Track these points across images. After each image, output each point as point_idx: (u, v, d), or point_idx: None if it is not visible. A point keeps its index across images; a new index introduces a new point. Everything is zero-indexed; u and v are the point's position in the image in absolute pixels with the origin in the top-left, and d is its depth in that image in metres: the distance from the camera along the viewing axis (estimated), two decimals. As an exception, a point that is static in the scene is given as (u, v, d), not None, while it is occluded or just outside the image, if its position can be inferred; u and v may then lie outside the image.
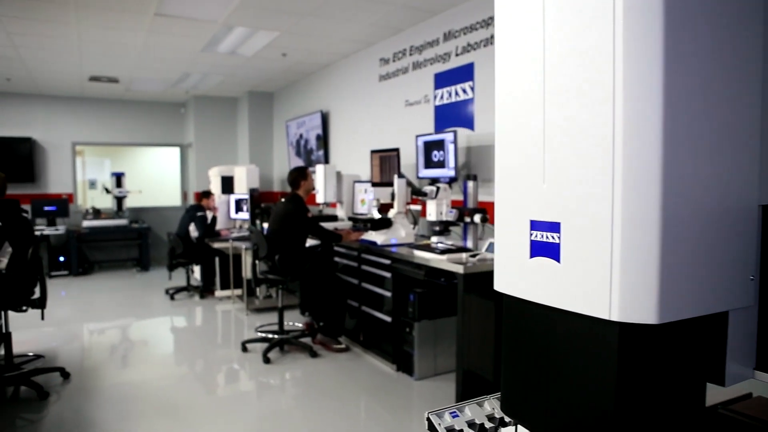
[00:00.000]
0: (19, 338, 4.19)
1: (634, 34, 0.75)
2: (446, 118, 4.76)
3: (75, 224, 8.77)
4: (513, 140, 0.94)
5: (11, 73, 7.22)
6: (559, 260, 0.86)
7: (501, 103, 0.99)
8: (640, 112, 0.76)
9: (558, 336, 0.90)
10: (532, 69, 0.91)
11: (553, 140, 0.86)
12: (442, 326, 4.13)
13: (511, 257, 0.96)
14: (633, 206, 0.77)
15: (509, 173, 0.95)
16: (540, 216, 0.88)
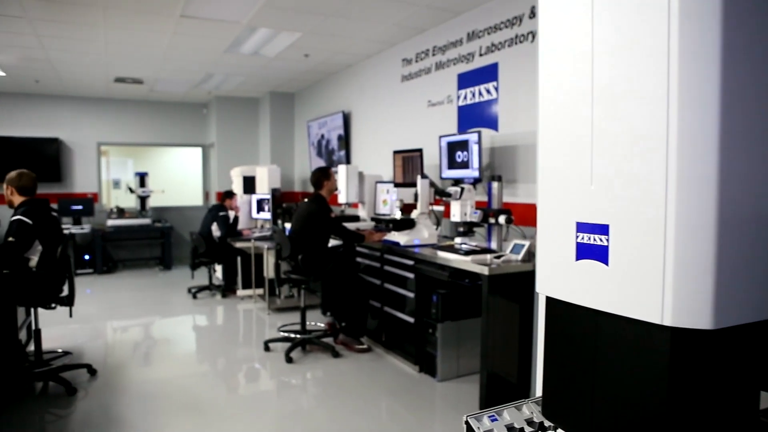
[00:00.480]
0: (47, 335, 4.25)
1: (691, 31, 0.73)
2: (469, 119, 4.73)
3: (100, 223, 8.89)
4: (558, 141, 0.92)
5: (40, 75, 7.35)
6: (607, 263, 0.85)
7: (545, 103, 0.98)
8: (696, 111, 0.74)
9: (605, 340, 0.89)
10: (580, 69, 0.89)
11: (602, 140, 0.84)
12: (465, 328, 4.11)
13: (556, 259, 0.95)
14: (688, 207, 0.75)
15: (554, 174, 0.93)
16: (587, 218, 0.86)
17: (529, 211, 3.96)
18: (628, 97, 0.82)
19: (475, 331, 4.12)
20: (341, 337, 4.75)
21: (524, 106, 4.08)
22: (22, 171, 3.90)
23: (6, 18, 4.87)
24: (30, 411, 3.67)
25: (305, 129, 8.20)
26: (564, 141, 0.94)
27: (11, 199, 3.84)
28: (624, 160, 0.83)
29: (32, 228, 3.63)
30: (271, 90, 8.64)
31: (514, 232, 3.89)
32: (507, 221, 3.64)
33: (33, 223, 3.64)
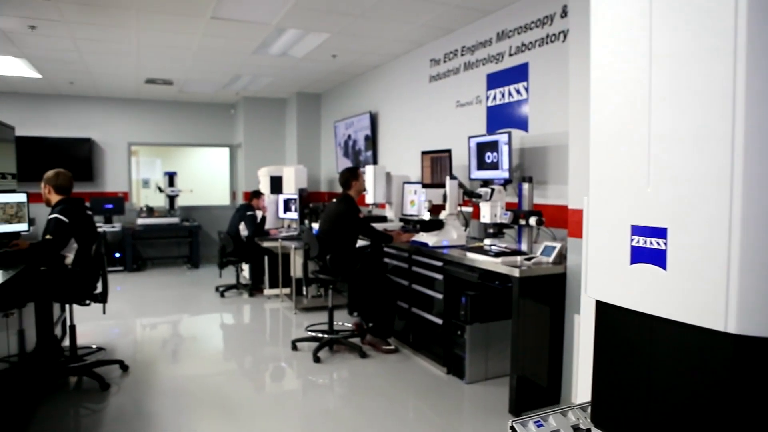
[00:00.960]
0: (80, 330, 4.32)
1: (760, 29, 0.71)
2: (499, 119, 4.69)
3: (130, 222, 9.05)
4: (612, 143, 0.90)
5: (74, 76, 7.51)
6: (665, 267, 0.82)
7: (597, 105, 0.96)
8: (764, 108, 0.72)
9: (661, 347, 0.86)
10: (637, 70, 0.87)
11: (661, 141, 0.82)
12: (494, 330, 4.07)
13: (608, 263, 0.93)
14: (755, 210, 0.73)
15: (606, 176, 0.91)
16: (643, 221, 0.84)
17: (560, 213, 3.91)
18: (691, 97, 0.80)
19: (503, 334, 4.08)
20: (368, 338, 4.75)
21: (555, 107, 4.03)
22: (59, 170, 3.98)
23: (45, 21, 4.99)
24: (65, 404, 3.75)
25: (332, 129, 8.23)
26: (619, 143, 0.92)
27: (48, 198, 3.92)
28: (685, 160, 0.81)
29: (69, 226, 3.71)
30: (298, 90, 8.70)
31: (545, 234, 3.84)
32: (538, 223, 3.59)
33: (69, 221, 3.71)
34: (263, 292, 6.94)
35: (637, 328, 0.91)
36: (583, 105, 3.36)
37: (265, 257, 6.79)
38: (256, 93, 8.91)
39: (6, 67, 6.88)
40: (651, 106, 0.86)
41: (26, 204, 4.40)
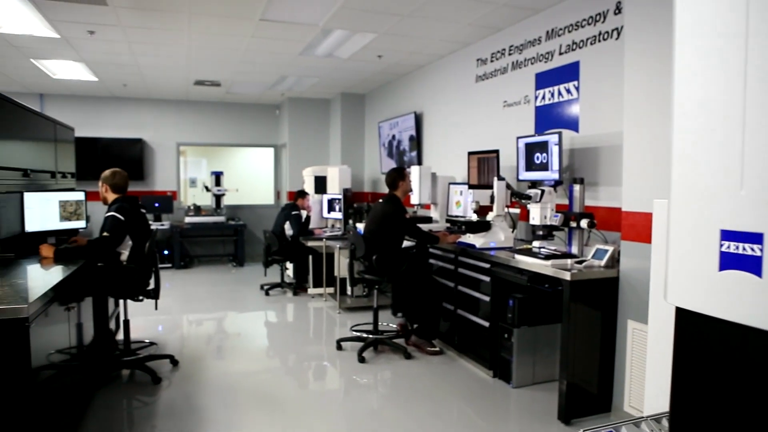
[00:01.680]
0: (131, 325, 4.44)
1: None
2: (548, 120, 4.60)
3: (178, 220, 9.28)
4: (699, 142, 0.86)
5: (128, 79, 7.75)
6: (760, 274, 0.78)
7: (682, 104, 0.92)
8: None
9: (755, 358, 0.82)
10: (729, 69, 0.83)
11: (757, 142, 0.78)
12: (542, 334, 4.00)
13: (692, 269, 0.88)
14: None
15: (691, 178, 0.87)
16: (735, 225, 0.80)
17: (612, 215, 3.81)
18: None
19: (552, 338, 4.01)
20: (413, 339, 4.74)
21: (608, 107, 3.93)
22: (116, 170, 4.10)
23: (103, 27, 5.16)
24: (119, 396, 3.87)
25: (376, 130, 8.25)
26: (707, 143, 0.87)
27: (105, 196, 4.05)
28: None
29: (124, 224, 3.82)
30: (342, 91, 8.75)
31: (596, 237, 3.75)
32: (589, 225, 3.51)
33: (125, 219, 3.83)
34: (307, 291, 7.01)
35: (725, 337, 0.86)
36: (641, 104, 3.26)
37: (309, 256, 6.85)
38: (301, 94, 9.01)
39: (66, 71, 7.16)
40: (746, 105, 0.81)
41: (84, 202, 4.56)
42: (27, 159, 3.72)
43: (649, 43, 3.21)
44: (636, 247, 3.25)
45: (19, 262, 3.52)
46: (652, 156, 3.19)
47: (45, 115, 4.20)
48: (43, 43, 5.78)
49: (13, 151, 3.44)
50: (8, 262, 3.49)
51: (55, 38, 5.55)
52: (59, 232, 4.28)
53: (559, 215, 3.65)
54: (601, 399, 3.46)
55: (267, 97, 9.34)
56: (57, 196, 4.30)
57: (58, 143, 4.49)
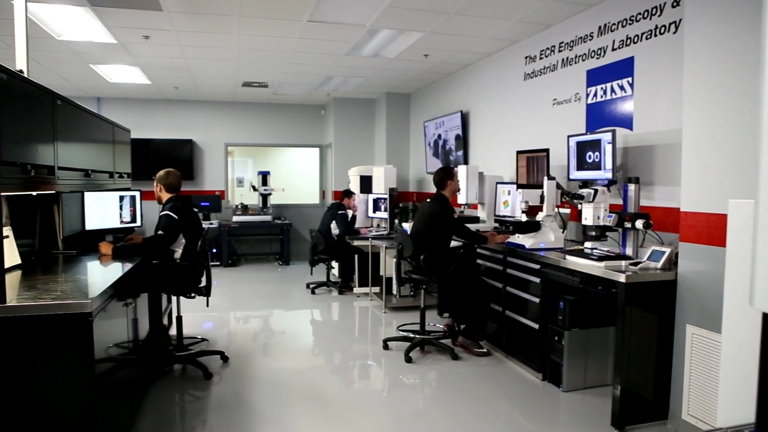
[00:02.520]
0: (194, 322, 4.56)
1: None
2: (599, 117, 4.48)
3: (225, 219, 9.48)
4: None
5: (179, 82, 7.97)
6: None
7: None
8: None
9: None
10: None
11: None
12: (593, 337, 3.90)
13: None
14: None
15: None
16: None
17: (668, 216, 3.68)
18: None
19: (604, 341, 3.91)
20: (460, 340, 4.69)
21: (665, 104, 3.79)
22: (170, 170, 4.22)
23: (157, 31, 5.32)
24: (172, 390, 3.98)
25: (421, 129, 8.22)
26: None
27: (160, 196, 4.17)
28: None
29: (178, 222, 3.92)
30: (387, 91, 8.76)
31: (651, 238, 3.63)
32: (645, 226, 3.40)
33: (179, 218, 3.93)
34: (353, 290, 7.04)
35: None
36: (703, 99, 3.13)
37: (355, 256, 6.88)
38: (347, 94, 9.07)
39: (122, 75, 7.41)
40: None
41: (140, 201, 4.71)
42: (88, 160, 3.86)
43: (711, 35, 3.08)
44: (697, 250, 3.12)
45: (80, 258, 3.66)
46: (716, 154, 3.06)
47: (105, 118, 4.35)
48: (102, 49, 6.00)
49: (77, 152, 3.58)
50: (70, 258, 3.64)
51: (112, 44, 5.76)
52: (116, 230, 4.43)
53: (613, 215, 3.55)
54: (656, 406, 3.34)
55: (313, 97, 9.44)
56: (115, 196, 4.45)
57: (116, 144, 4.65)
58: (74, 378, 2.33)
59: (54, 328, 2.28)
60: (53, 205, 3.79)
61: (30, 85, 2.69)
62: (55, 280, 2.93)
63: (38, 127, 2.86)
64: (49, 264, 3.41)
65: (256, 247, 10.08)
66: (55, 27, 5.22)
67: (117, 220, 4.48)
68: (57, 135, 3.09)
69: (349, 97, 9.34)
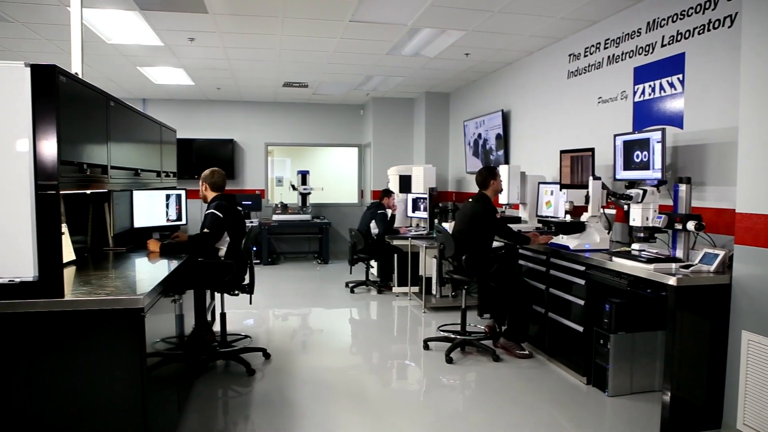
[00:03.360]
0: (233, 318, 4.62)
1: None
2: (647, 116, 4.36)
3: (265, 218, 9.61)
4: None
5: (221, 83, 8.12)
6: None
7: None
8: None
9: None
10: None
11: None
12: (640, 341, 3.79)
13: None
14: None
15: None
16: None
17: (721, 217, 3.56)
18: None
19: (651, 346, 3.81)
20: (502, 341, 4.64)
21: (718, 101, 3.67)
22: (215, 169, 4.30)
23: (202, 34, 5.44)
24: (216, 385, 4.05)
25: (461, 128, 8.16)
26: None
27: (205, 195, 4.24)
28: None
29: (223, 221, 3.99)
30: (427, 90, 8.73)
31: (702, 240, 3.51)
32: (697, 228, 3.29)
33: (224, 216, 4.00)
34: (392, 290, 7.05)
35: None
36: (762, 96, 3.01)
37: (394, 255, 6.88)
38: (386, 93, 9.08)
39: (166, 77, 7.60)
40: None
41: (185, 200, 4.82)
42: (138, 159, 3.97)
43: (770, 31, 2.96)
44: (754, 253, 3.00)
45: (129, 255, 3.76)
46: (774, 153, 2.94)
47: (153, 118, 4.47)
48: (149, 51, 6.17)
49: (127, 151, 3.68)
50: (120, 255, 3.75)
51: (159, 46, 5.91)
52: (162, 227, 4.54)
53: (663, 217, 3.45)
54: (708, 414, 3.23)
55: (352, 97, 9.48)
56: (161, 194, 4.57)
57: (163, 144, 4.77)
58: (126, 372, 2.39)
59: (108, 323, 2.35)
60: (104, 203, 3.91)
61: (87, 87, 2.78)
62: (108, 276, 3.02)
63: (93, 128, 2.95)
64: (101, 260, 3.52)
65: (295, 245, 10.19)
66: (106, 31, 5.39)
67: (163, 218, 4.58)
68: (110, 135, 3.18)
69: (388, 96, 9.35)
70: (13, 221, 2.22)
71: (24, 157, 2.21)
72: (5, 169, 2.21)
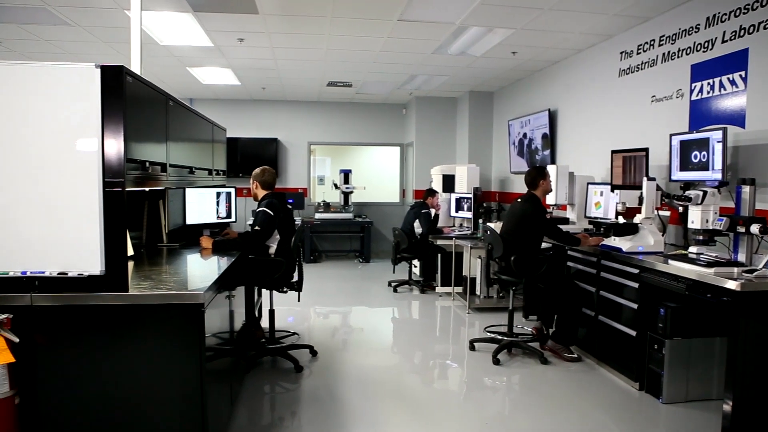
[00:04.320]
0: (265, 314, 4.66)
1: None
2: (705, 115, 4.22)
3: (308, 216, 9.71)
4: None
5: (267, 82, 8.24)
6: None
7: None
8: None
9: None
10: None
11: None
12: (697, 347, 3.68)
13: None
14: None
15: None
16: None
17: (786, 220, 3.41)
18: None
19: (709, 352, 3.69)
20: (550, 344, 4.56)
21: (784, 99, 3.52)
22: (265, 167, 4.35)
23: (251, 34, 5.53)
24: (264, 381, 4.10)
25: (505, 128, 8.07)
26: None
27: (256, 193, 4.31)
28: None
29: (274, 218, 4.05)
30: (470, 89, 8.67)
31: (766, 245, 3.38)
32: (762, 231, 3.16)
33: (274, 214, 4.05)
34: (434, 290, 7.02)
35: None
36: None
37: (437, 255, 6.85)
38: (429, 93, 9.04)
39: (214, 77, 7.75)
40: None
41: (235, 197, 4.90)
42: (192, 157, 4.06)
43: None
44: (823, 257, 2.87)
45: (182, 251, 3.85)
46: None
47: (206, 118, 4.56)
48: (199, 52, 6.30)
49: (183, 150, 3.77)
50: (174, 251, 3.84)
51: (209, 47, 6.03)
52: (212, 225, 4.63)
53: (724, 219, 3.33)
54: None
55: (395, 96, 9.48)
56: (212, 192, 4.66)
57: (215, 143, 4.87)
58: (187, 365, 2.45)
59: (169, 317, 2.41)
60: (159, 200, 4.02)
61: (149, 87, 2.86)
62: (166, 271, 3.10)
63: (154, 127, 3.03)
64: (156, 256, 3.61)
65: (337, 244, 10.25)
66: (159, 33, 5.53)
67: (214, 215, 4.68)
68: (169, 134, 3.26)
69: (431, 96, 9.31)
70: (82, 217, 2.30)
71: (93, 155, 2.28)
72: (75, 166, 2.29)
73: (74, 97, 2.27)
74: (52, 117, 2.27)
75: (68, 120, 2.27)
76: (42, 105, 2.27)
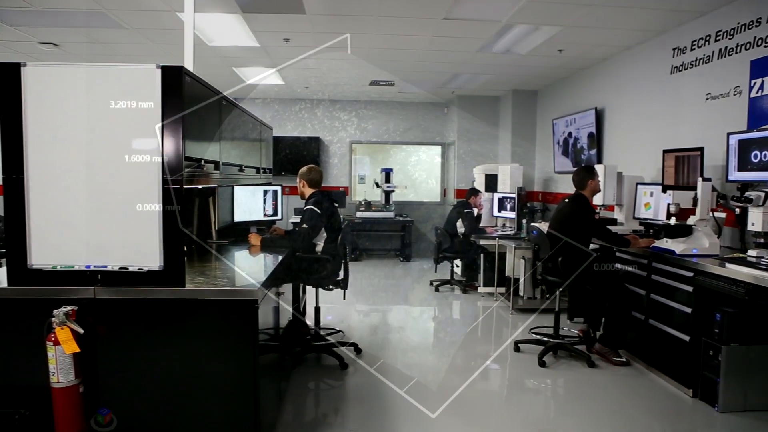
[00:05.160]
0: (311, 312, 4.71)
1: None
2: (766, 113, 4.06)
3: (349, 215, 9.76)
4: None
5: (310, 82, 8.32)
6: None
7: None
8: None
9: None
10: None
11: None
12: (757, 354, 3.54)
13: None
14: None
15: None
16: None
17: None
18: None
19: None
20: (597, 347, 4.47)
21: None
22: (312, 166, 4.40)
23: (297, 34, 5.59)
24: (307, 378, 4.14)
25: (549, 127, 7.94)
26: None
27: (303, 191, 4.36)
28: None
29: (321, 217, 4.09)
30: (514, 88, 8.56)
31: (831, 248, 3.24)
32: (828, 234, 3.03)
33: (321, 212, 4.09)
34: (476, 290, 6.97)
35: None
36: None
37: (480, 255, 6.80)
38: (472, 91, 8.97)
39: (260, 77, 7.87)
40: None
41: (281, 195, 4.97)
42: (242, 155, 4.14)
43: None
44: None
45: (231, 248, 3.93)
46: None
47: (255, 117, 4.64)
48: (245, 52, 6.41)
49: (234, 148, 3.85)
50: (223, 248, 3.92)
51: (255, 47, 6.12)
52: (259, 222, 4.71)
53: (787, 221, 3.20)
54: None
55: (437, 95, 9.43)
56: (260, 190, 4.74)
57: (262, 142, 4.94)
58: (241, 359, 2.50)
59: (225, 312, 2.46)
60: (208, 197, 4.10)
61: (205, 87, 2.93)
62: (218, 267, 3.17)
63: (209, 126, 3.10)
64: (207, 252, 3.69)
65: (378, 242, 10.27)
66: (208, 34, 5.65)
67: (261, 213, 4.75)
68: (222, 132, 3.34)
69: (474, 94, 9.23)
70: (143, 214, 2.37)
71: (154, 153, 2.35)
72: (138, 164, 2.36)
73: (136, 97, 2.34)
74: (117, 116, 2.35)
75: (131, 119, 2.35)
76: (105, 105, 2.35)
